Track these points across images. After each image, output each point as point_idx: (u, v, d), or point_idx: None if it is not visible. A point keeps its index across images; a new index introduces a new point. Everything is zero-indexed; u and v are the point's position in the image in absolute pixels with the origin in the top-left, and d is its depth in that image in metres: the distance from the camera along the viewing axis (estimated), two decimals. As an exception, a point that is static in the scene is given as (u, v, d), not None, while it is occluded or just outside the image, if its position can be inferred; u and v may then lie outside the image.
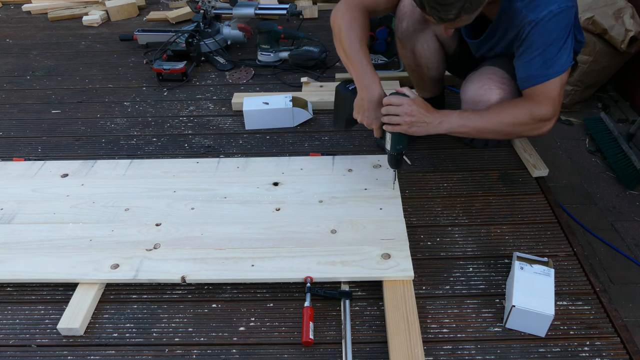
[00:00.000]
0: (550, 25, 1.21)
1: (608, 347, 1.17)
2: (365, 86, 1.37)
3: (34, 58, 2.73)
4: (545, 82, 1.27)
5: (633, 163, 2.02)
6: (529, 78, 1.30)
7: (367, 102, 1.37)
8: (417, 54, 1.57)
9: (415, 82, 1.77)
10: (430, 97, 1.77)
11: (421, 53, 1.57)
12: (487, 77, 1.43)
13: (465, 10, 1.14)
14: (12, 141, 2.00)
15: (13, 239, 1.43)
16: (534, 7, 1.22)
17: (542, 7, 1.21)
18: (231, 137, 1.97)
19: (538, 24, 1.21)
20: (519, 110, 1.32)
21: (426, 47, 1.56)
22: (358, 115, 1.42)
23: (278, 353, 1.18)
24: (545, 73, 1.26)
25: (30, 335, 1.25)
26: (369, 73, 1.37)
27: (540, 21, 1.21)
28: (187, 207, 1.52)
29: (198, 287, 1.34)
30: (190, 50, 2.45)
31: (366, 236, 1.39)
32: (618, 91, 2.56)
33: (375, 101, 1.36)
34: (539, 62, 1.26)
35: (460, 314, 1.26)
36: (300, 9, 2.66)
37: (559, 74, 1.26)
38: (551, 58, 1.24)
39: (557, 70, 1.25)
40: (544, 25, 1.21)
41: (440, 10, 1.14)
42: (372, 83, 1.37)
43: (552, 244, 1.44)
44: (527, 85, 1.31)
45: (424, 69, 1.62)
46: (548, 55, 1.24)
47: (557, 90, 1.28)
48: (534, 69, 1.27)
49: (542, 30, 1.22)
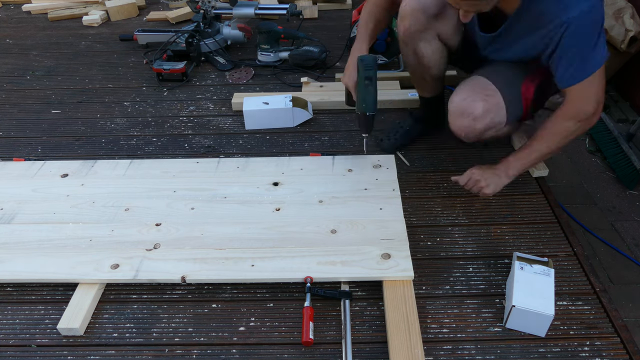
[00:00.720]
0: (584, 24, 1.21)
1: (608, 347, 1.17)
2: (352, 50, 1.59)
3: (34, 58, 2.73)
4: (585, 79, 1.28)
5: (633, 163, 2.02)
6: (569, 77, 1.30)
7: (350, 62, 1.56)
8: (419, 53, 1.57)
9: (416, 82, 1.77)
10: (430, 97, 1.76)
11: (423, 52, 1.56)
12: (470, 88, 1.46)
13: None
14: (12, 141, 2.01)
15: (13, 239, 1.43)
16: (564, 8, 1.21)
17: (573, 6, 1.19)
18: (231, 137, 1.97)
19: (572, 24, 1.21)
20: (566, 123, 1.35)
21: (428, 46, 1.55)
22: (344, 76, 1.58)
23: (278, 353, 1.18)
24: (585, 69, 1.27)
25: (30, 335, 1.25)
26: (360, 41, 1.58)
27: (573, 21, 1.20)
28: (187, 207, 1.52)
29: (198, 287, 1.34)
30: (190, 50, 2.45)
31: (366, 236, 1.39)
32: (618, 91, 2.56)
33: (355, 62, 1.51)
34: (577, 61, 1.26)
35: (460, 314, 1.26)
36: (300, 9, 2.66)
37: (598, 68, 1.26)
38: (588, 55, 1.25)
39: (595, 65, 1.26)
40: (578, 25, 1.21)
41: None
42: (358, 48, 1.57)
43: (552, 244, 1.44)
44: (568, 84, 1.31)
45: (426, 68, 1.62)
46: (585, 53, 1.25)
47: (598, 83, 1.29)
48: (573, 68, 1.28)
49: (576, 30, 1.22)
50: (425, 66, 1.61)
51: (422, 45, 1.55)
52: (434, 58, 1.58)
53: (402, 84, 2.16)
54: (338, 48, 2.50)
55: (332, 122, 2.02)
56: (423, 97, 1.80)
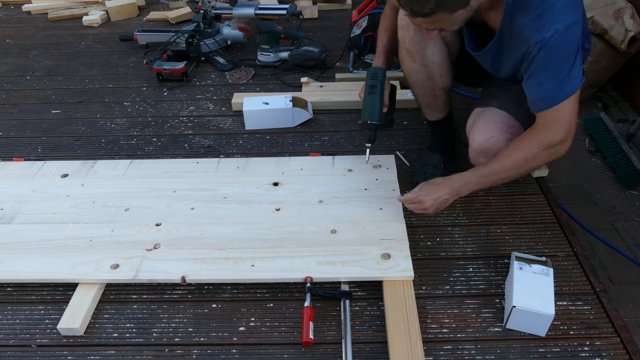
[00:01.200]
0: (557, 45, 1.15)
1: (608, 347, 1.17)
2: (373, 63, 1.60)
3: (34, 58, 2.73)
4: (558, 104, 1.21)
5: (633, 163, 2.02)
6: (541, 100, 1.24)
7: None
8: (428, 62, 1.49)
9: (425, 102, 1.64)
10: (441, 118, 1.66)
11: (432, 60, 1.49)
12: (494, 126, 1.38)
13: (442, 5, 1.06)
14: (12, 141, 2.01)
15: (13, 239, 1.43)
16: (538, 26, 1.15)
17: (547, 26, 1.13)
18: (231, 137, 1.97)
19: (545, 45, 1.15)
20: (527, 146, 1.27)
21: (437, 51, 1.48)
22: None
23: (278, 353, 1.18)
24: (557, 95, 1.20)
25: (30, 335, 1.25)
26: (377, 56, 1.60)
27: (546, 42, 1.14)
28: (187, 207, 1.52)
29: (198, 287, 1.34)
30: (190, 50, 2.45)
31: (366, 236, 1.39)
32: (618, 91, 2.56)
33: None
34: (551, 84, 1.20)
35: (460, 314, 1.26)
36: (300, 9, 2.65)
37: (572, 93, 1.20)
38: (562, 79, 1.19)
39: (570, 90, 1.20)
40: (551, 46, 1.15)
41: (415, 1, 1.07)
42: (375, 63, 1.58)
43: (552, 244, 1.44)
44: (540, 109, 1.25)
45: (436, 78, 1.53)
46: (559, 77, 1.18)
47: (570, 110, 1.22)
48: (546, 91, 1.22)
49: (550, 51, 1.16)
50: (436, 75, 1.53)
51: (430, 52, 1.48)
52: (444, 65, 1.51)
53: (402, 84, 2.16)
54: (338, 48, 2.50)
55: (332, 122, 2.02)
56: (433, 121, 1.67)
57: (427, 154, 1.71)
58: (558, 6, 1.14)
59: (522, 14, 1.17)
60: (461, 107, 1.99)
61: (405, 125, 1.99)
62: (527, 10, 1.16)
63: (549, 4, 1.14)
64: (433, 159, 1.67)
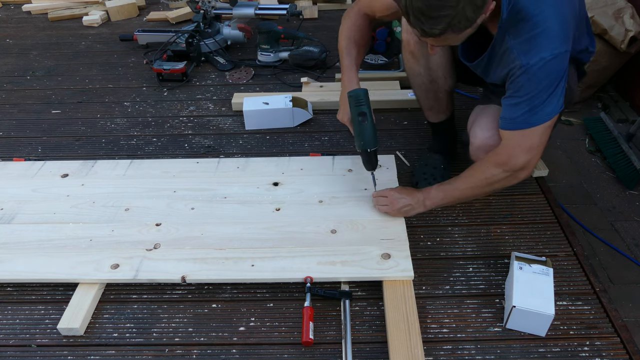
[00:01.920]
0: (540, 74, 1.14)
1: (608, 347, 1.17)
2: (342, 83, 1.48)
3: (34, 58, 2.73)
4: (526, 129, 1.21)
5: (633, 163, 2.02)
6: (511, 121, 1.23)
7: (342, 98, 1.47)
8: (432, 65, 1.48)
9: (428, 105, 1.62)
10: (443, 120, 1.65)
11: (437, 62, 1.48)
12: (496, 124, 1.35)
13: (453, 27, 1.06)
14: (12, 141, 2.01)
15: (13, 239, 1.43)
16: (525, 51, 1.14)
17: (534, 52, 1.13)
18: (231, 137, 1.97)
19: (528, 71, 1.14)
20: (489, 170, 1.30)
21: (442, 53, 1.46)
22: (339, 113, 1.51)
23: (278, 353, 1.18)
24: (528, 120, 1.20)
25: (30, 335, 1.25)
26: (347, 72, 1.46)
27: (530, 68, 1.14)
28: (187, 207, 1.52)
29: (198, 287, 1.34)
30: (190, 51, 2.45)
31: (366, 236, 1.39)
32: (618, 91, 2.56)
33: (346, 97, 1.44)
34: (525, 108, 1.19)
35: (460, 314, 1.26)
36: (300, 9, 2.66)
37: (544, 122, 1.19)
38: (537, 106, 1.18)
39: (541, 118, 1.19)
40: (534, 72, 1.14)
41: (425, 22, 1.06)
42: (348, 80, 1.46)
43: (552, 244, 1.44)
44: (507, 128, 1.25)
45: (440, 81, 1.52)
46: (534, 103, 1.18)
47: (537, 138, 1.22)
48: (518, 113, 1.21)
49: (531, 77, 1.15)
50: (441, 78, 1.51)
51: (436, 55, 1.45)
52: (448, 66, 1.50)
53: (402, 84, 2.16)
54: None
55: (332, 122, 2.02)
56: (435, 123, 1.66)
57: (427, 155, 1.70)
58: (549, 34, 1.13)
59: (513, 35, 1.17)
60: (461, 107, 1.98)
61: (405, 125, 1.99)
62: (517, 32, 1.16)
63: (541, 30, 1.13)
64: (433, 160, 1.67)
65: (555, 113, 1.20)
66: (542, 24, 1.13)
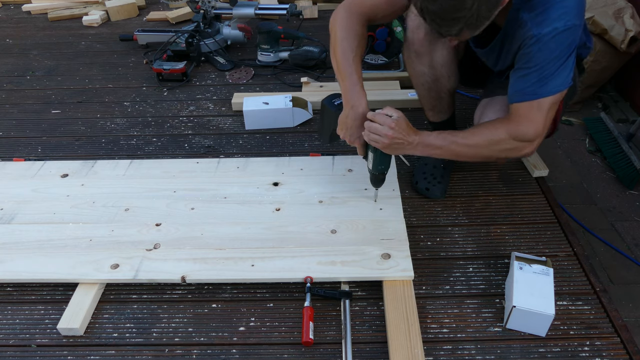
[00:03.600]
0: (552, 43, 1.15)
1: (608, 347, 1.17)
2: (351, 103, 1.32)
3: (34, 58, 2.73)
4: (535, 99, 1.20)
5: (633, 163, 2.02)
6: (519, 93, 1.22)
7: (351, 120, 1.33)
8: (436, 64, 1.47)
9: (430, 104, 1.60)
10: (445, 120, 1.64)
11: (441, 62, 1.46)
12: (504, 112, 1.34)
13: (469, 26, 1.07)
14: (12, 141, 2.00)
15: (13, 239, 1.43)
16: (539, 22, 1.15)
17: (548, 22, 1.14)
18: (231, 137, 1.97)
19: (540, 40, 1.15)
20: (496, 131, 1.26)
21: (445, 53, 1.45)
22: (341, 132, 1.38)
23: (278, 353, 1.18)
24: (537, 91, 1.19)
25: (30, 335, 1.25)
26: (356, 89, 1.31)
27: (542, 37, 1.14)
28: (187, 207, 1.52)
29: (198, 287, 1.34)
30: (190, 50, 2.45)
31: (366, 236, 1.39)
32: (618, 91, 2.56)
33: (359, 119, 1.32)
34: (534, 79, 1.19)
35: (460, 314, 1.26)
36: (300, 9, 2.65)
37: (552, 94, 1.19)
38: (547, 76, 1.18)
39: (550, 90, 1.18)
40: (546, 42, 1.15)
41: (441, 24, 1.07)
42: (358, 100, 1.31)
43: (552, 244, 1.44)
44: (516, 100, 1.23)
45: (443, 80, 1.51)
46: (544, 73, 1.17)
47: (545, 110, 1.20)
48: (527, 84, 1.20)
49: (542, 47, 1.16)
50: (444, 77, 1.50)
51: (439, 54, 1.45)
52: (452, 66, 1.49)
53: (402, 83, 2.16)
54: (338, 48, 2.50)
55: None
56: (436, 123, 1.65)
57: None
58: (563, 6, 1.14)
59: (527, 9, 1.17)
60: (461, 107, 1.98)
61: (405, 125, 1.98)
62: (532, 6, 1.17)
63: (555, 2, 1.14)
64: (434, 160, 1.67)
65: (564, 87, 1.19)
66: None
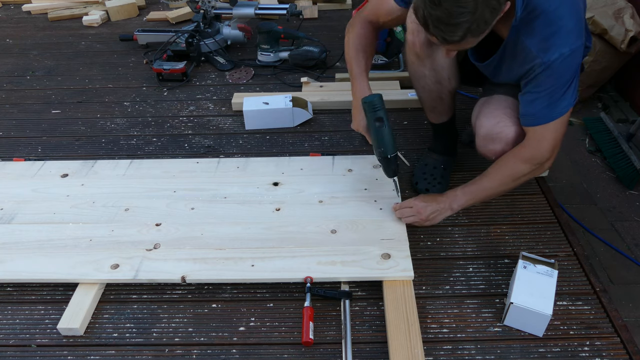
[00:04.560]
0: (561, 68, 1.19)
1: (608, 347, 1.17)
2: (354, 93, 1.47)
3: (34, 58, 2.73)
4: (548, 122, 1.25)
5: (633, 163, 2.02)
6: (531, 117, 1.28)
7: (355, 107, 1.47)
8: (437, 66, 1.48)
9: (431, 106, 1.61)
10: (445, 121, 1.65)
11: (443, 64, 1.47)
12: (502, 111, 1.38)
13: (472, 32, 1.08)
14: (12, 141, 2.00)
15: (13, 239, 1.43)
16: (545, 49, 1.18)
17: (554, 49, 1.17)
18: (231, 137, 1.97)
19: (549, 67, 1.18)
20: (516, 165, 1.33)
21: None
22: (354, 122, 1.50)
23: (278, 353, 1.18)
24: (548, 114, 1.24)
25: (30, 335, 1.25)
26: (358, 81, 1.47)
27: (552, 64, 1.18)
28: (187, 207, 1.52)
29: (198, 287, 1.34)
30: (190, 50, 2.45)
31: (366, 236, 1.39)
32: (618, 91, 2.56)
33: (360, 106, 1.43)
34: (544, 103, 1.24)
35: (460, 314, 1.26)
36: (300, 9, 2.65)
37: (563, 115, 1.24)
38: (557, 99, 1.22)
39: (560, 112, 1.24)
40: (555, 68, 1.18)
41: (445, 30, 1.08)
42: (360, 89, 1.45)
43: (552, 244, 1.44)
44: (529, 124, 1.29)
45: (444, 82, 1.52)
46: (554, 97, 1.22)
47: (558, 130, 1.27)
48: (538, 108, 1.25)
49: (552, 73, 1.20)
50: (446, 79, 1.51)
51: (440, 55, 1.45)
52: (453, 67, 1.50)
53: (402, 84, 2.16)
54: (338, 48, 2.49)
55: (332, 122, 2.02)
56: (437, 124, 1.66)
57: (427, 155, 1.70)
58: (565, 30, 1.16)
59: (528, 34, 1.19)
60: (461, 107, 1.98)
61: (405, 125, 1.99)
62: (532, 32, 1.18)
63: (557, 27, 1.16)
64: (433, 160, 1.67)
65: (571, 105, 1.25)
66: (558, 21, 1.16)
